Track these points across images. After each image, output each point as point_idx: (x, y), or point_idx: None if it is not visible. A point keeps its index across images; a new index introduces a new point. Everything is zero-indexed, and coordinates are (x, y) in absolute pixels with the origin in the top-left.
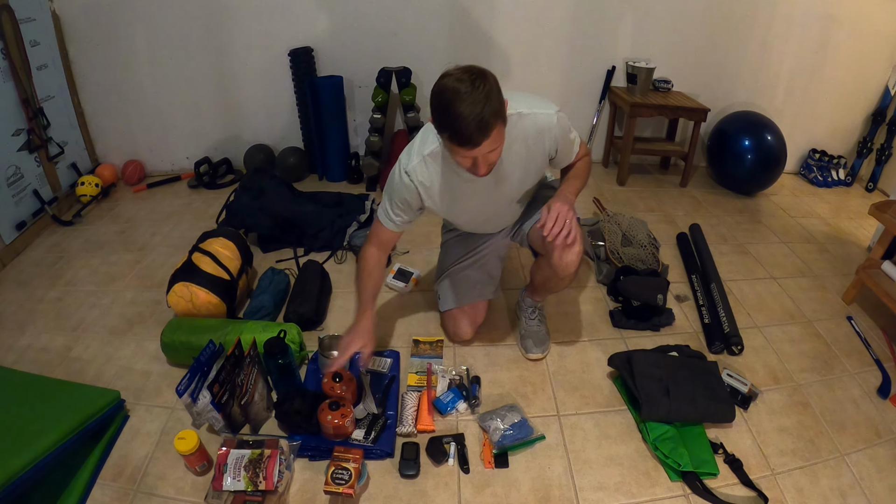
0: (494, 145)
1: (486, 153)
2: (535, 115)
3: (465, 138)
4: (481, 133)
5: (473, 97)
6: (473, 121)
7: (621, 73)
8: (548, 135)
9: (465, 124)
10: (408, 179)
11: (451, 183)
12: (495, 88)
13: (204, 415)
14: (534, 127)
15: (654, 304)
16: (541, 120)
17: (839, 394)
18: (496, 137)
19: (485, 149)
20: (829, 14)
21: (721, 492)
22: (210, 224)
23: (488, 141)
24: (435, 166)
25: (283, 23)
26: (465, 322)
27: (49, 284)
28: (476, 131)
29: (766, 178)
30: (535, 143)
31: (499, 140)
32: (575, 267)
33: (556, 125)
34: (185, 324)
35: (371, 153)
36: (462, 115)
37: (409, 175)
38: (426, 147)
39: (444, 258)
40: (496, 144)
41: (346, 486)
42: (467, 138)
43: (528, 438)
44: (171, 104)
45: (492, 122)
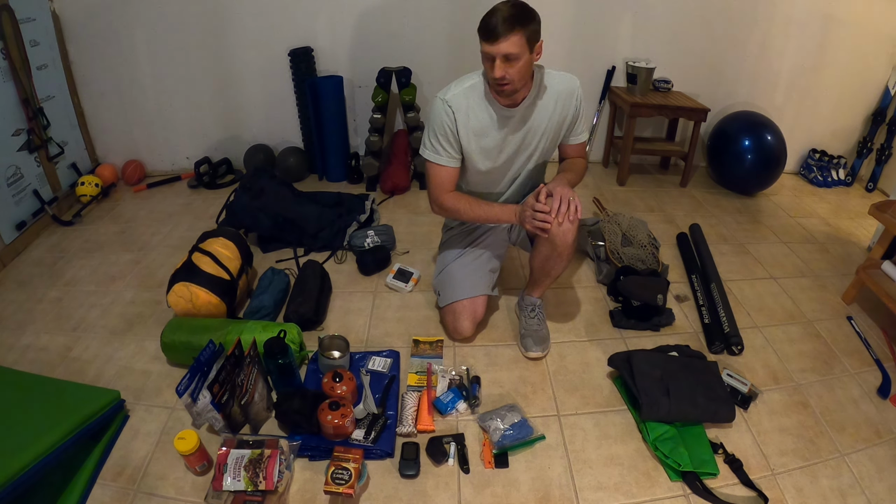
0: (513, 50)
1: (504, 55)
2: (563, 76)
3: (486, 30)
4: (501, 30)
5: (508, 7)
6: (500, 16)
7: (621, 73)
8: (574, 97)
9: (492, 21)
10: (446, 107)
11: (483, 117)
12: (532, 14)
13: (204, 415)
14: (563, 84)
15: (654, 304)
16: (568, 80)
17: (839, 394)
18: (515, 44)
19: (502, 48)
20: (829, 14)
21: (721, 492)
22: (210, 224)
23: (506, 41)
24: (474, 98)
25: (283, 23)
26: (465, 316)
27: (49, 284)
28: (499, 25)
29: (766, 178)
30: (563, 100)
31: (518, 48)
32: (572, 236)
33: (578, 87)
34: (185, 324)
35: (371, 153)
36: (492, 14)
37: (448, 102)
38: (466, 81)
39: (444, 255)
40: (515, 50)
41: (346, 486)
42: (489, 31)
43: (528, 438)
44: (171, 104)
45: (514, 25)
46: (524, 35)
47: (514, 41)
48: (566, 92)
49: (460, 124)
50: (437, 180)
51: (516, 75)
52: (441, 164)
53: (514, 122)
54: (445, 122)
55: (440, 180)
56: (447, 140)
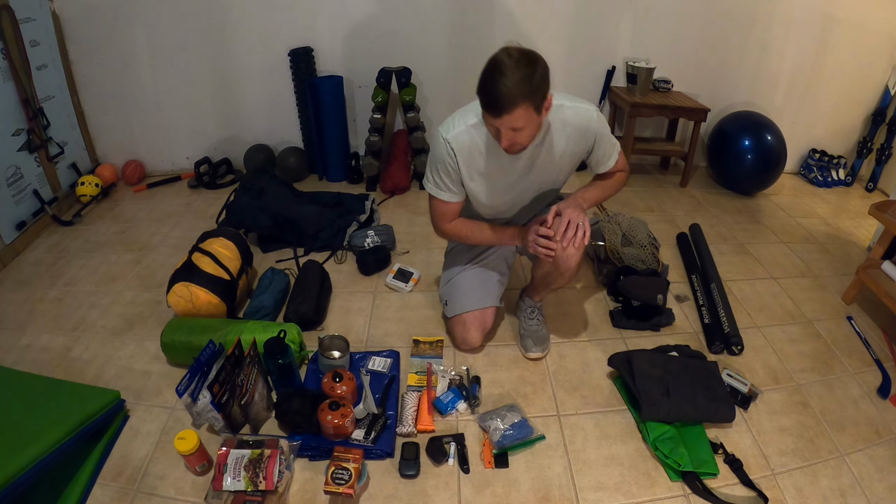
0: (518, 123)
1: (509, 128)
2: (577, 108)
3: (489, 103)
4: (505, 104)
5: (513, 72)
6: (502, 90)
7: (621, 73)
8: (587, 129)
9: (495, 91)
10: (448, 147)
11: (488, 160)
12: (539, 76)
13: (204, 415)
14: (574, 118)
15: (654, 304)
16: (582, 113)
17: (839, 394)
18: (521, 117)
19: (507, 122)
20: (829, 14)
21: (721, 492)
22: (210, 224)
23: (511, 116)
24: (478, 137)
25: (283, 23)
26: (474, 327)
27: (49, 284)
28: (501, 100)
29: (766, 178)
30: (575, 137)
31: (524, 121)
32: (576, 261)
33: (595, 119)
34: (185, 324)
35: (371, 153)
36: (494, 82)
37: (450, 143)
38: (470, 116)
39: (451, 263)
40: (520, 124)
41: (346, 486)
42: (491, 104)
43: (528, 438)
44: (171, 104)
45: (519, 99)
46: (532, 105)
47: (520, 114)
48: (579, 128)
49: (462, 165)
50: (438, 212)
51: (526, 140)
52: (443, 199)
53: (520, 164)
54: (448, 162)
55: (441, 213)
56: (449, 178)
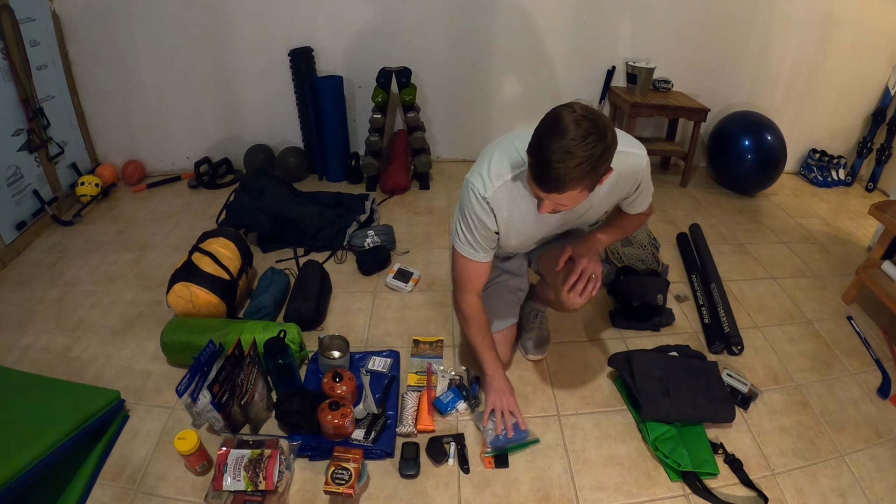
0: (566, 202)
1: (553, 202)
2: (629, 155)
3: (538, 176)
4: (556, 184)
5: (574, 147)
6: (555, 168)
7: (621, 73)
8: (635, 176)
9: (547, 165)
10: (486, 206)
11: (527, 215)
12: (603, 153)
13: (204, 415)
14: (624, 166)
15: (654, 304)
16: (633, 161)
17: (839, 394)
18: (571, 197)
19: (553, 198)
20: (829, 14)
21: (721, 492)
22: (210, 224)
23: (560, 195)
24: (517, 193)
25: (283, 23)
26: (503, 346)
27: (49, 284)
28: (553, 179)
29: (766, 178)
30: (620, 183)
31: (574, 201)
32: (582, 305)
33: (644, 167)
34: (185, 324)
35: (371, 153)
36: (550, 154)
37: (489, 202)
38: (507, 169)
39: None
40: (568, 203)
41: (346, 486)
42: (541, 178)
43: (522, 441)
44: (171, 104)
45: (573, 184)
46: (587, 188)
47: (569, 195)
48: (626, 175)
49: (501, 222)
50: (467, 275)
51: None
52: (476, 259)
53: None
54: (486, 222)
55: (471, 276)
56: (485, 238)
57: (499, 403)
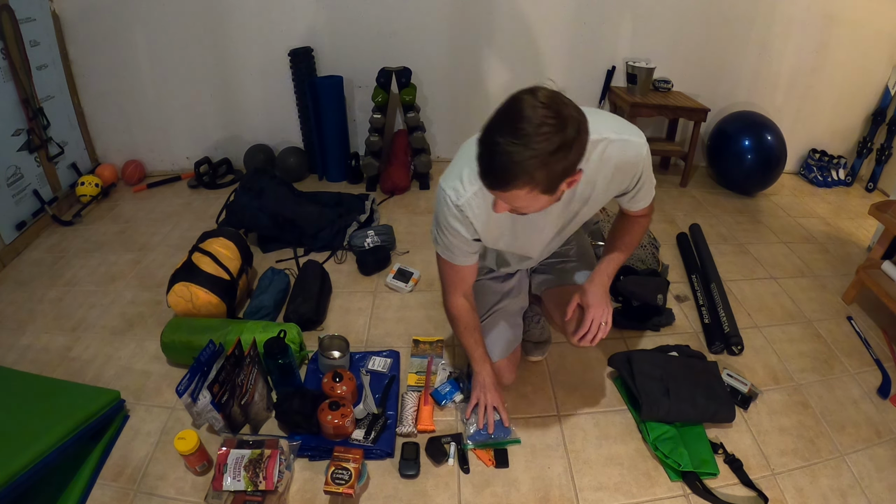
0: (515, 203)
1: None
2: (625, 143)
3: (481, 169)
4: (497, 180)
5: (523, 138)
6: (498, 161)
7: (621, 73)
8: (634, 167)
9: (490, 156)
10: (459, 214)
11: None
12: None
13: (204, 415)
14: (619, 154)
15: (654, 304)
16: (632, 150)
17: (839, 394)
18: (518, 197)
19: (497, 195)
20: (829, 14)
21: (721, 492)
22: (210, 224)
23: (504, 194)
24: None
25: (283, 23)
26: (507, 370)
27: (49, 284)
28: (494, 174)
29: (766, 178)
30: (617, 176)
31: (525, 202)
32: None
33: (645, 156)
34: (185, 324)
35: (371, 153)
36: (494, 144)
37: (462, 209)
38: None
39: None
40: (520, 204)
41: (346, 486)
42: (483, 171)
43: (503, 440)
44: (171, 104)
45: (518, 182)
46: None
47: (514, 195)
48: (623, 166)
49: (480, 229)
50: (450, 278)
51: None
52: (458, 263)
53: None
54: (460, 231)
55: (455, 278)
56: (464, 244)
57: (483, 398)
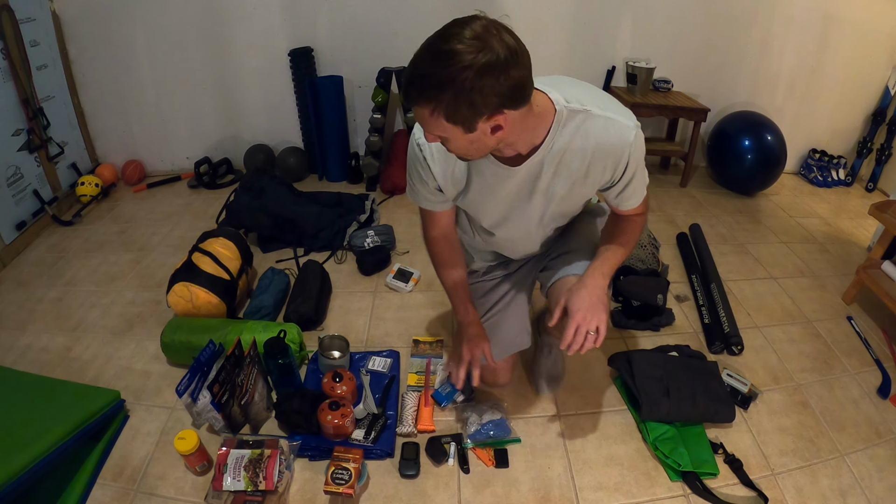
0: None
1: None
2: (609, 121)
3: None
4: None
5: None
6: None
7: (621, 73)
8: (619, 153)
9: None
10: (417, 150)
11: (473, 171)
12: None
13: (204, 415)
14: (602, 133)
15: (654, 304)
16: (614, 129)
17: (839, 394)
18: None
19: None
20: (829, 14)
21: (721, 492)
22: (210, 224)
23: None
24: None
25: (283, 23)
26: (504, 371)
27: (49, 284)
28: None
29: (766, 178)
30: (598, 158)
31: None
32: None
33: (633, 142)
34: (185, 324)
35: (371, 153)
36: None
37: (422, 149)
38: None
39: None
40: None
41: (346, 486)
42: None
43: (503, 439)
44: (171, 104)
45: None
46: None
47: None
48: (606, 148)
49: (436, 171)
50: (422, 218)
51: (455, 151)
52: (425, 207)
53: (513, 185)
54: (418, 168)
55: (429, 220)
56: (426, 188)
57: (467, 355)
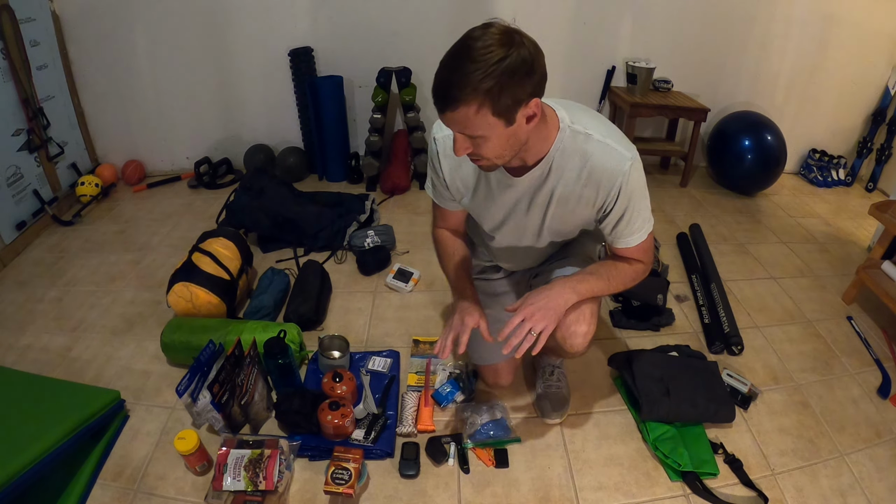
0: (463, 128)
1: (457, 131)
2: (606, 147)
3: (434, 93)
4: (446, 95)
5: (469, 52)
6: (446, 76)
7: (621, 73)
8: (610, 179)
9: (439, 74)
10: (434, 145)
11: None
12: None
13: (204, 415)
14: (599, 156)
15: (654, 304)
16: (609, 155)
17: (839, 394)
18: (468, 120)
19: (451, 125)
20: (829, 14)
21: (721, 492)
22: (210, 224)
23: (454, 114)
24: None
25: (283, 23)
26: (505, 372)
27: (49, 284)
28: (443, 88)
29: (766, 178)
30: (590, 179)
31: (473, 127)
32: (583, 348)
33: (625, 171)
34: (185, 324)
35: (371, 153)
36: (443, 63)
37: (437, 143)
38: None
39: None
40: (465, 128)
41: (346, 486)
42: (435, 94)
43: (503, 439)
44: (171, 104)
45: (465, 95)
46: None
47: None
48: (598, 172)
49: (445, 170)
50: (435, 212)
51: (490, 153)
52: (437, 203)
53: (512, 195)
54: (434, 161)
55: (441, 215)
56: (439, 181)
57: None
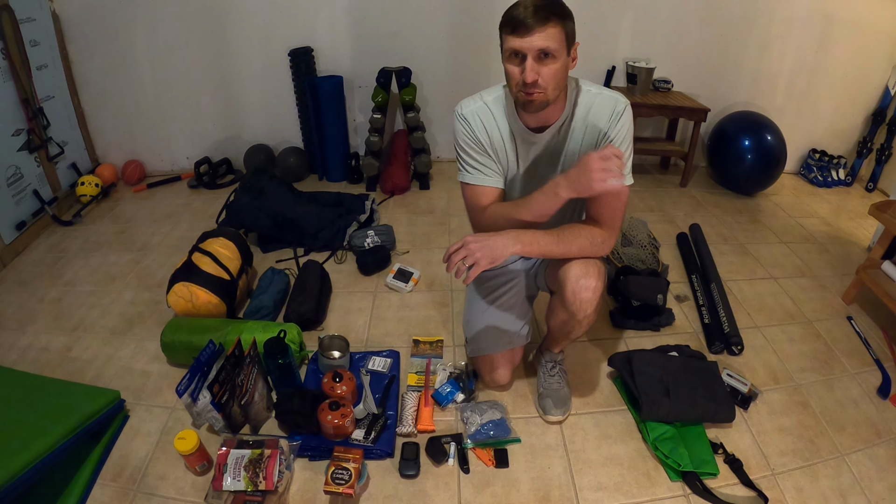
0: (549, 43)
1: (538, 50)
2: (607, 96)
3: (517, 20)
4: (536, 19)
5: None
6: (537, 4)
7: (621, 73)
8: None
9: (522, 5)
10: (461, 119)
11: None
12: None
13: (204, 415)
14: (602, 105)
15: (654, 304)
16: (609, 101)
17: (839, 394)
18: (552, 36)
19: (537, 41)
20: (829, 14)
21: (721, 492)
22: (210, 224)
23: (542, 34)
24: (495, 111)
25: (283, 23)
26: (502, 367)
27: (49, 284)
28: (532, 14)
29: (766, 178)
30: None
31: (555, 42)
32: (592, 306)
33: (620, 112)
34: (185, 324)
35: (371, 153)
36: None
37: (464, 116)
38: (488, 93)
39: (472, 300)
40: (551, 44)
41: (346, 486)
42: (520, 20)
43: (503, 439)
44: (171, 104)
45: (552, 15)
46: (563, 29)
47: (552, 34)
48: (598, 115)
49: (483, 138)
50: (474, 204)
51: (551, 80)
52: (483, 184)
53: (536, 150)
54: (465, 132)
55: (477, 205)
56: (475, 150)
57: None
